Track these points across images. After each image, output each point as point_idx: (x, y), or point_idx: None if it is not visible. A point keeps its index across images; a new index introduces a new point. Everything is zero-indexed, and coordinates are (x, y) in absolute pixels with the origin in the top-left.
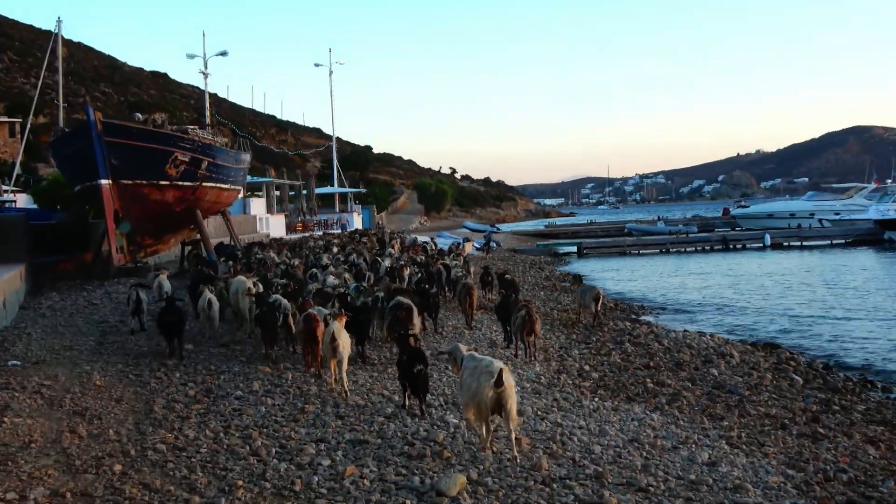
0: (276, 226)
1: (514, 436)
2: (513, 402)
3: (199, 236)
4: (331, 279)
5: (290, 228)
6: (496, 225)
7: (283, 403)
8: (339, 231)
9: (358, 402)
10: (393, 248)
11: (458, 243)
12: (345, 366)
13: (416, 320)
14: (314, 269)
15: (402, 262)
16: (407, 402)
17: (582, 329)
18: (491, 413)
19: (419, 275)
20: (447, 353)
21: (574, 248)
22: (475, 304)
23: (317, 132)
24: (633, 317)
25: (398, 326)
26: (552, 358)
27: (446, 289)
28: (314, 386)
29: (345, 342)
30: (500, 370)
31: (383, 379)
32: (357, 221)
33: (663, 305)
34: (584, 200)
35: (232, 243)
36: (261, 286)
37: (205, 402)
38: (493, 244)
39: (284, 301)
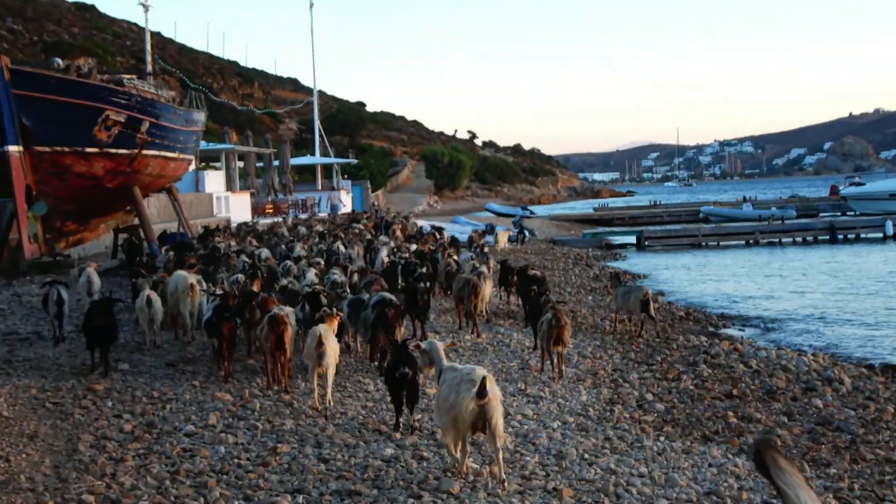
0: (238, 207)
1: (500, 455)
2: (498, 416)
3: (136, 221)
4: (311, 274)
5: (257, 211)
6: (528, 207)
7: (248, 442)
8: (330, 213)
9: (347, 441)
10: (394, 234)
11: (484, 229)
12: (331, 377)
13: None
14: (288, 262)
15: (405, 256)
16: (399, 421)
17: (642, 346)
18: (471, 430)
19: (420, 269)
20: (423, 349)
21: (632, 239)
22: (481, 307)
23: (293, 84)
24: (711, 330)
25: (383, 329)
26: (603, 383)
27: (445, 289)
28: (289, 419)
29: (333, 348)
30: (484, 378)
31: (381, 410)
32: (346, 202)
33: (750, 315)
34: (645, 175)
35: (181, 231)
36: (205, 283)
37: (145, 439)
38: (525, 232)
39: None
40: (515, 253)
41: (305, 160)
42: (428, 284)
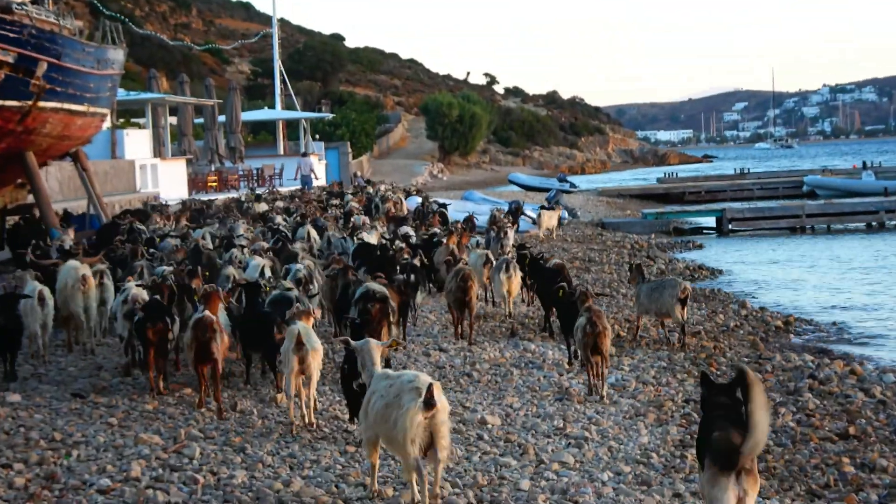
0: (170, 179)
1: (441, 470)
2: (446, 431)
3: (30, 198)
4: (256, 262)
5: (195, 184)
6: (568, 179)
7: (185, 502)
8: (303, 189)
9: (320, 500)
10: (388, 214)
11: (510, 208)
12: (314, 384)
13: (394, 319)
14: (234, 250)
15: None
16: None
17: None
18: (421, 448)
19: (411, 259)
20: (354, 347)
21: (711, 221)
22: (474, 306)
23: (244, 10)
24: (819, 346)
25: (366, 330)
26: (671, 419)
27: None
28: (241, 469)
29: (316, 349)
30: (430, 385)
31: (365, 457)
32: (319, 171)
33: (873, 326)
34: (728, 134)
35: (91, 212)
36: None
37: (44, 498)
38: (563, 213)
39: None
40: (550, 241)
41: (262, 114)
42: (412, 278)
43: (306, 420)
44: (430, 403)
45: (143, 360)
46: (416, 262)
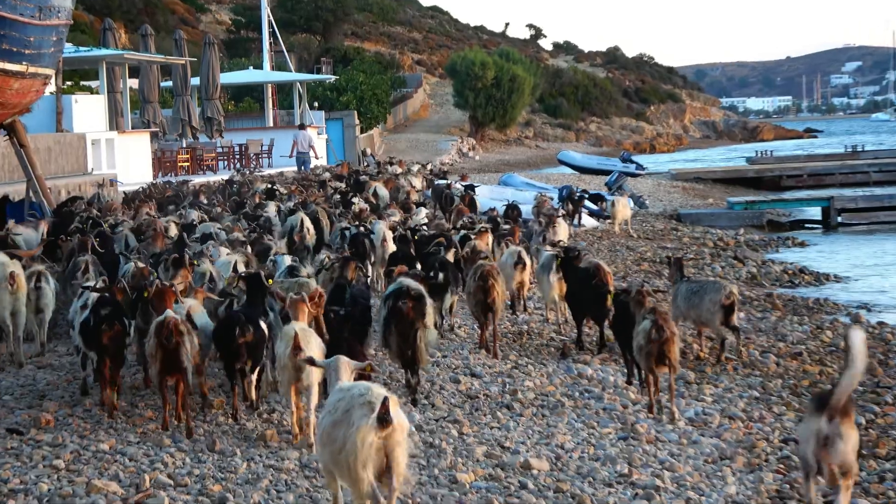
0: (130, 158)
1: (394, 498)
2: (402, 454)
3: None
4: (224, 256)
5: (162, 163)
6: (633, 158)
7: None
8: (300, 171)
9: None
10: (408, 195)
11: (565, 193)
12: (315, 398)
13: (430, 322)
14: (209, 242)
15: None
16: None
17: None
18: (375, 472)
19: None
20: (321, 366)
21: (816, 212)
22: (499, 310)
23: None
24: None
25: (400, 330)
26: (766, 463)
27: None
28: None
29: (317, 354)
30: (385, 399)
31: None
32: (320, 148)
33: None
34: (837, 101)
35: (31, 198)
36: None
37: None
38: (630, 200)
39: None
40: (610, 237)
41: (246, 76)
42: (440, 276)
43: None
44: (384, 420)
45: (96, 374)
46: (450, 256)
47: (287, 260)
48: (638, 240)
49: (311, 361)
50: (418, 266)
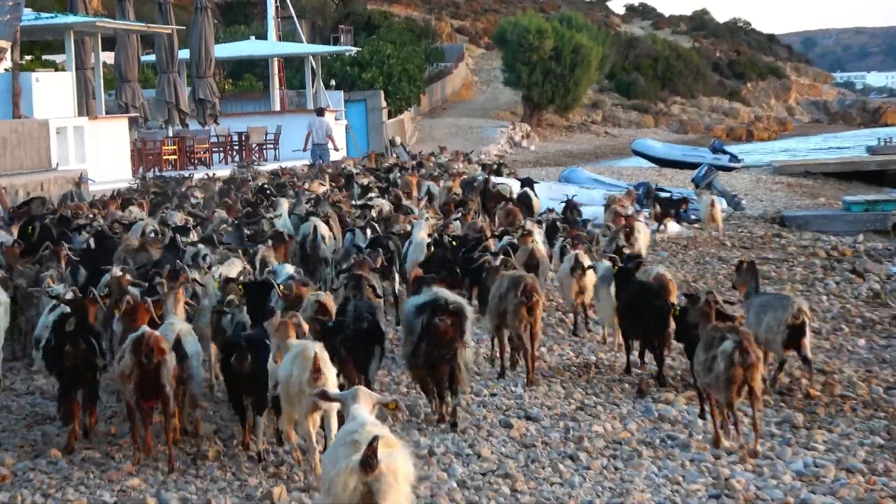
0: (104, 149)
1: None
2: (396, 501)
3: None
4: (212, 273)
5: (144, 156)
6: (725, 148)
7: None
8: (314, 165)
9: None
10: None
11: (640, 192)
12: (334, 428)
13: (468, 342)
14: (201, 247)
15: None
16: None
17: None
18: None
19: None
20: (337, 399)
21: None
22: (538, 332)
23: None
24: None
25: (436, 351)
26: None
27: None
28: None
29: (333, 381)
30: (374, 439)
31: None
32: (338, 137)
33: None
34: None
35: None
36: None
37: None
38: (722, 200)
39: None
40: (698, 246)
41: (247, 48)
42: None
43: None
44: (367, 464)
45: (60, 407)
46: (497, 261)
47: (289, 269)
48: (732, 249)
49: (325, 395)
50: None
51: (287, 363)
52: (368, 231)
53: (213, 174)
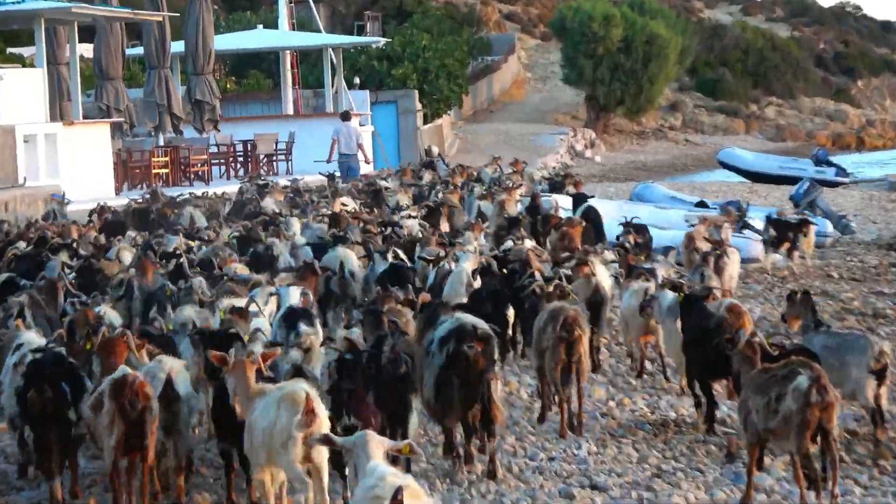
0: (81, 161)
1: None
2: None
3: None
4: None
5: (131, 171)
6: (830, 159)
7: None
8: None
9: None
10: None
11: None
12: (325, 479)
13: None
14: (199, 279)
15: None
16: None
17: None
18: None
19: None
20: (342, 446)
21: None
22: (585, 371)
23: None
24: None
25: (465, 383)
26: None
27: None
28: None
29: (325, 423)
30: (397, 491)
31: None
32: (366, 149)
33: None
34: None
35: None
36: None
37: None
38: (821, 225)
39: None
40: (798, 278)
41: (253, 40)
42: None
43: None
44: None
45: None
46: (551, 287)
47: (295, 295)
48: (840, 281)
49: (329, 441)
50: (510, 309)
51: (269, 408)
52: (390, 256)
53: (223, 193)
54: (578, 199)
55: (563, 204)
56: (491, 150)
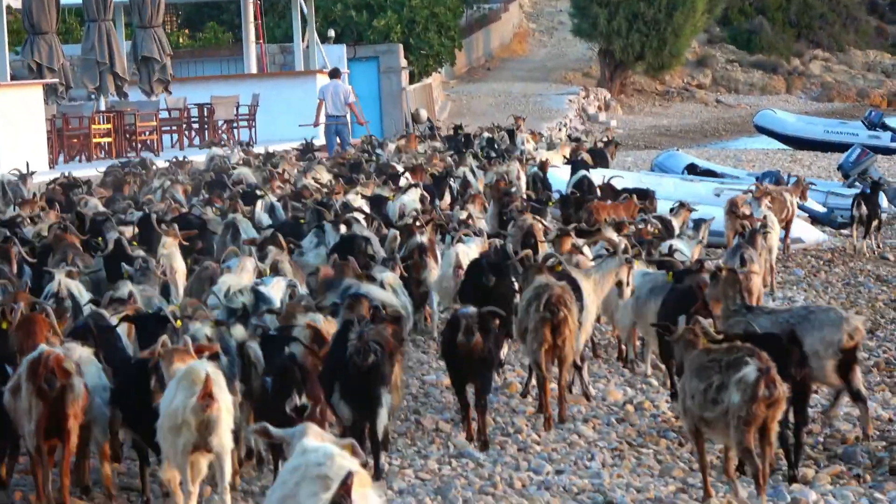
0: (4, 132)
1: None
2: None
3: None
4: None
5: (66, 140)
6: (885, 122)
7: None
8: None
9: None
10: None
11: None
12: (229, 474)
13: None
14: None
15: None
16: None
17: None
18: None
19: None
20: (282, 437)
21: None
22: (569, 356)
23: None
24: None
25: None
26: None
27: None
28: None
29: (228, 408)
30: (347, 476)
31: None
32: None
33: None
34: None
35: None
36: None
37: None
38: (882, 195)
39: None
40: (846, 260)
41: None
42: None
43: None
44: (340, 500)
45: None
46: (549, 262)
47: (279, 286)
48: (891, 264)
49: (266, 432)
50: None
51: (170, 389)
52: (343, 228)
53: (185, 157)
54: (576, 167)
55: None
56: (490, 115)
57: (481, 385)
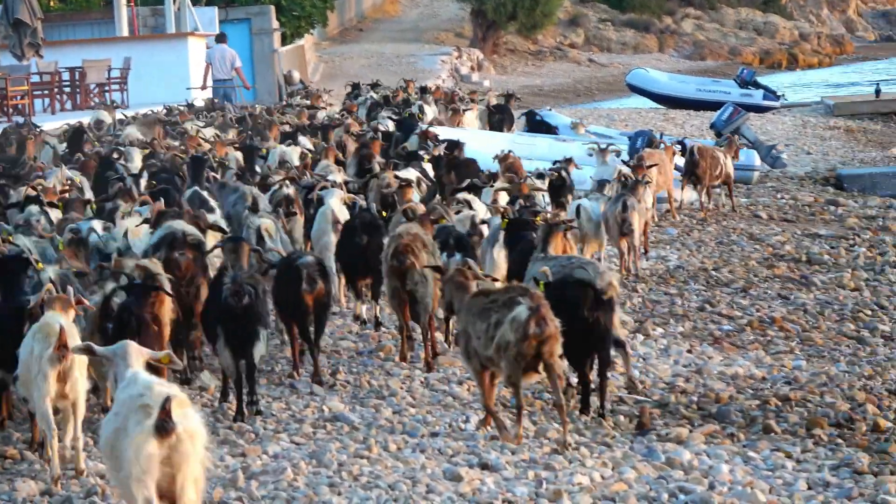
0: None
1: None
2: (191, 470)
3: None
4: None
5: None
6: (757, 80)
7: None
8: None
9: None
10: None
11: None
12: (82, 414)
13: None
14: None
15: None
16: None
17: None
18: (159, 495)
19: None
20: (104, 354)
21: None
22: (429, 306)
23: None
24: None
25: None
26: None
27: None
28: None
29: (80, 358)
30: (166, 400)
31: None
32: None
33: None
34: None
35: None
36: None
37: None
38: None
39: None
40: (720, 220)
41: None
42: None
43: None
44: (163, 427)
45: None
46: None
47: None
48: (769, 222)
49: (90, 350)
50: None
51: (27, 340)
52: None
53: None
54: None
55: None
56: (361, 74)
57: (320, 327)
